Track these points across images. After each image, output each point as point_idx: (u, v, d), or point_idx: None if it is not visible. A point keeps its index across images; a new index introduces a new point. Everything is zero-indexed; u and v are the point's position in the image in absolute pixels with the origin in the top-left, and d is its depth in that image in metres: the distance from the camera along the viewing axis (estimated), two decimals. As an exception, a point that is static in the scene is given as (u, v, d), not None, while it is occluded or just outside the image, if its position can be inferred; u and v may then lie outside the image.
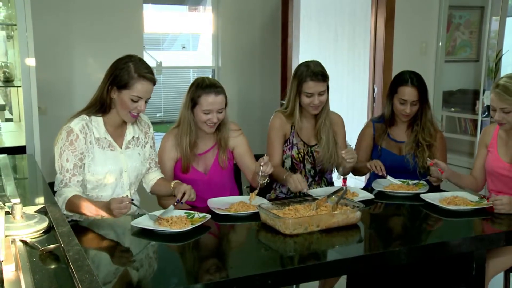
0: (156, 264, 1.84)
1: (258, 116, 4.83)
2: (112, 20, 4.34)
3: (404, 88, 2.81)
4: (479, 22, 5.96)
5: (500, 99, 2.41)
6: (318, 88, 2.70)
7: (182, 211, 2.20)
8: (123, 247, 1.98)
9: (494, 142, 2.60)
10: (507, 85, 2.40)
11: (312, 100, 2.71)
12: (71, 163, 2.24)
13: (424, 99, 2.86)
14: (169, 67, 8.88)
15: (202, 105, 2.50)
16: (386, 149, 2.95)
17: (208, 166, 2.64)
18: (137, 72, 2.24)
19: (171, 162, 2.62)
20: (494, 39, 5.85)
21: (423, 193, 2.53)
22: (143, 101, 2.27)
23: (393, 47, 4.50)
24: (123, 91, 2.25)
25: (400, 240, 2.10)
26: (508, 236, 2.13)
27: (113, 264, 1.80)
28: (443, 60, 4.92)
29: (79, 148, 2.25)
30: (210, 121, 2.51)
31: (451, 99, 6.34)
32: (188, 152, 2.57)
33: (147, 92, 2.27)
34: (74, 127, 2.26)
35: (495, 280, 2.54)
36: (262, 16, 4.89)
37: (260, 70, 4.93)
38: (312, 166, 2.85)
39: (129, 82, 2.23)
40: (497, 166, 2.55)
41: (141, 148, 2.45)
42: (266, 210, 2.10)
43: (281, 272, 1.70)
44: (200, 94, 2.50)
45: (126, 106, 2.26)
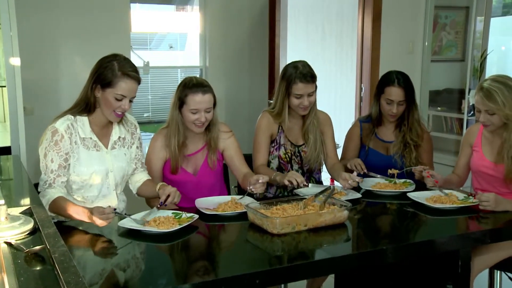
0: (144, 265, 1.83)
1: (246, 116, 4.82)
2: (99, 19, 4.31)
3: (391, 88, 2.83)
4: (464, 22, 6.02)
5: (483, 102, 2.44)
6: (307, 89, 2.70)
7: (170, 211, 2.19)
8: (110, 248, 1.97)
9: (479, 141, 2.63)
10: (490, 89, 2.42)
11: (301, 101, 2.71)
12: (56, 163, 2.22)
13: (411, 99, 2.87)
14: (156, 67, 8.83)
15: (189, 104, 2.48)
16: (373, 149, 2.96)
17: (197, 167, 2.63)
18: (121, 70, 2.22)
19: (160, 162, 2.60)
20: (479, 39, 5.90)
21: (410, 192, 2.54)
22: (127, 100, 2.26)
23: (380, 46, 4.53)
24: (107, 89, 2.23)
25: (387, 238, 2.12)
26: (493, 234, 2.15)
27: (99, 265, 1.79)
28: (430, 59, 4.96)
29: (64, 148, 2.23)
30: (198, 121, 2.49)
31: (438, 99, 6.39)
32: (176, 152, 2.55)
33: (131, 90, 2.26)
34: (59, 127, 2.24)
35: (480, 277, 2.57)
36: (250, 15, 4.89)
37: (247, 70, 4.92)
38: (300, 166, 2.85)
39: (113, 80, 2.22)
40: (482, 165, 2.58)
41: (127, 148, 2.44)
42: (253, 210, 2.10)
43: (269, 271, 1.70)
44: (187, 94, 2.49)
45: (110, 105, 2.25)
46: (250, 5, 4.86)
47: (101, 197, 2.34)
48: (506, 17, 8.85)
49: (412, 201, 2.43)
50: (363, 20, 4.53)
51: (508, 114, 2.41)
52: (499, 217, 2.26)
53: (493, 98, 2.40)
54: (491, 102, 2.41)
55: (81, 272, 1.20)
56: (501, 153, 2.49)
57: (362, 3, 4.51)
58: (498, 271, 2.52)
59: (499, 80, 2.44)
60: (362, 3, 4.51)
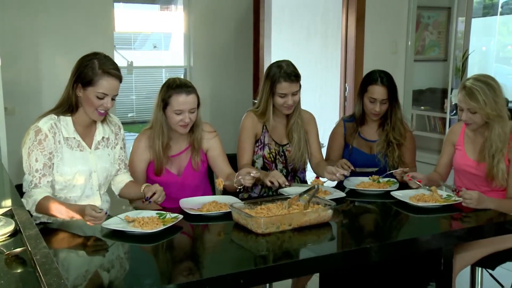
0: (128, 266, 1.82)
1: (230, 116, 4.82)
2: (81, 18, 4.27)
3: (374, 86, 2.85)
4: (447, 23, 6.09)
5: (465, 101, 2.47)
6: (292, 88, 2.71)
7: (154, 212, 2.18)
8: (94, 249, 1.95)
9: (462, 140, 2.66)
10: (473, 88, 2.44)
11: (286, 101, 2.71)
12: (41, 163, 2.20)
13: (393, 98, 2.89)
14: (140, 66, 8.79)
15: (173, 105, 2.47)
16: (357, 148, 2.98)
17: (181, 168, 2.61)
18: (101, 68, 2.21)
19: (144, 163, 2.58)
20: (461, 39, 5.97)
21: (393, 191, 2.56)
22: (109, 98, 2.24)
23: (364, 46, 4.55)
24: (88, 88, 2.22)
25: (372, 237, 2.13)
26: (475, 232, 2.18)
27: (83, 266, 1.77)
28: (413, 59, 4.99)
29: (48, 147, 2.21)
30: (182, 122, 2.48)
31: (421, 98, 6.44)
32: (161, 154, 2.53)
33: (113, 89, 2.24)
34: (43, 126, 2.22)
35: (461, 275, 2.60)
36: (234, 15, 4.88)
37: (232, 70, 4.92)
38: (284, 165, 2.86)
39: (94, 78, 2.20)
40: (465, 164, 2.61)
41: (110, 149, 2.42)
42: (238, 210, 2.09)
43: (254, 271, 1.70)
44: (170, 94, 2.47)
45: (92, 103, 2.23)
46: (235, 4, 4.86)
47: (84, 197, 2.32)
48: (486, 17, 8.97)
49: (395, 200, 2.45)
50: (347, 20, 4.55)
51: (489, 113, 2.44)
52: (480, 215, 2.29)
53: (475, 97, 2.43)
54: (473, 101, 2.44)
55: (64, 274, 1.19)
56: (483, 152, 2.52)
57: (346, 3, 4.53)
58: (479, 268, 2.55)
59: (481, 80, 2.47)
60: (346, 3, 4.53)
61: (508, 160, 2.47)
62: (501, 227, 2.23)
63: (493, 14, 8.91)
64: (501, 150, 2.46)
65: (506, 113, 2.47)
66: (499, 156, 2.46)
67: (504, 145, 2.46)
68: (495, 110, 2.43)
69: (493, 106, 2.43)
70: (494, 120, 2.45)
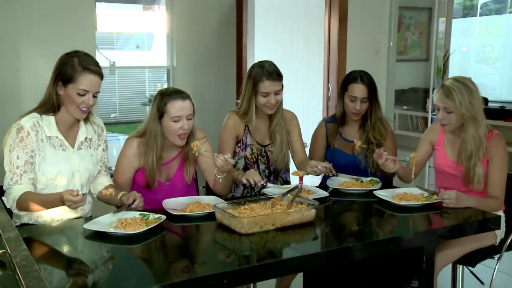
0: (111, 267, 1.80)
1: (213, 116, 4.79)
2: (62, 18, 4.22)
3: (354, 85, 2.87)
4: (428, 23, 6.15)
5: (442, 99, 2.49)
6: (274, 87, 2.71)
7: (137, 213, 2.16)
8: (77, 251, 1.93)
9: (441, 140, 2.68)
10: (450, 87, 2.47)
11: (268, 100, 2.71)
12: (22, 160, 2.17)
13: (373, 97, 2.91)
14: (123, 67, 8.70)
15: (171, 112, 2.40)
16: (339, 149, 2.99)
17: (170, 175, 2.56)
18: (81, 65, 2.20)
19: (132, 171, 2.51)
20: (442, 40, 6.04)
21: (376, 190, 2.58)
22: (90, 95, 2.22)
23: (346, 46, 4.58)
24: (68, 85, 2.20)
25: (355, 236, 2.14)
26: (456, 229, 2.21)
27: (66, 268, 1.75)
28: (395, 59, 5.04)
29: (30, 145, 2.19)
30: (181, 129, 2.41)
31: (403, 98, 6.50)
32: (155, 166, 2.45)
33: (93, 85, 2.22)
34: (25, 124, 2.20)
35: (443, 272, 2.63)
36: (217, 15, 4.87)
37: (215, 70, 4.91)
38: (266, 166, 2.86)
39: (74, 75, 2.19)
40: (445, 164, 2.63)
41: (93, 149, 2.40)
42: (221, 210, 2.09)
43: (237, 271, 1.70)
44: (166, 102, 2.41)
45: (73, 100, 2.21)
46: (217, 4, 4.85)
47: None
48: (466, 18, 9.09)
49: (378, 199, 2.47)
50: (329, 20, 4.57)
51: (464, 114, 2.45)
52: (461, 213, 2.31)
53: (451, 96, 2.46)
54: (449, 100, 2.46)
55: (47, 277, 1.18)
56: (461, 154, 2.54)
57: (328, 4, 4.55)
58: (460, 266, 2.58)
59: (460, 80, 2.50)
60: (329, 3, 4.55)
61: (486, 161, 2.50)
62: (481, 225, 2.26)
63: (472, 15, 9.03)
64: (477, 154, 2.47)
65: (481, 116, 2.49)
66: (475, 160, 2.47)
67: (480, 148, 2.47)
68: (470, 111, 2.45)
69: (468, 107, 2.45)
70: (469, 121, 2.47)
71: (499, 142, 2.51)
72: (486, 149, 2.49)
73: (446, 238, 2.25)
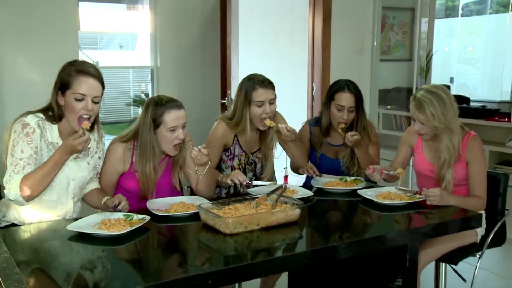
0: (95, 269, 1.79)
1: (198, 116, 4.79)
2: (45, 17, 4.18)
3: (341, 94, 2.84)
4: (411, 23, 6.21)
5: (414, 112, 2.50)
6: (268, 95, 2.68)
7: (121, 213, 2.15)
8: (60, 252, 1.91)
9: (420, 144, 2.69)
10: (422, 100, 2.46)
11: (264, 110, 2.67)
12: (27, 153, 2.11)
13: (360, 107, 2.89)
14: (106, 66, 8.66)
15: (167, 122, 2.36)
16: (323, 153, 3.00)
17: (156, 178, 2.52)
18: (76, 69, 2.17)
19: (116, 175, 2.48)
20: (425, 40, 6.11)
21: (360, 189, 2.59)
22: (89, 100, 2.17)
23: (330, 46, 4.60)
24: (66, 92, 2.17)
25: (339, 235, 2.15)
26: (439, 228, 2.23)
27: (48, 270, 1.73)
28: (379, 59, 5.07)
29: (35, 141, 2.14)
30: (177, 139, 2.38)
31: (387, 97, 6.55)
32: (152, 177, 2.42)
33: (90, 88, 2.17)
34: (30, 121, 2.16)
35: (426, 270, 2.66)
36: (201, 14, 4.86)
37: (199, 69, 4.90)
38: (254, 173, 2.86)
39: (69, 80, 2.16)
40: (424, 168, 2.65)
41: (90, 157, 2.37)
42: (206, 210, 2.09)
43: (222, 271, 1.70)
44: (162, 112, 2.36)
45: (73, 108, 2.16)
46: (201, 4, 4.84)
47: (58, 203, 2.28)
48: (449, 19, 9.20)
49: (362, 198, 2.48)
50: (313, 20, 4.59)
51: (437, 126, 2.46)
52: (444, 212, 2.34)
53: (423, 110, 2.45)
54: (421, 113, 2.46)
55: (28, 279, 1.16)
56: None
57: (312, 3, 4.57)
58: (443, 264, 2.61)
59: (433, 91, 2.48)
60: (313, 3, 4.57)
61: (465, 163, 2.53)
62: (464, 223, 2.29)
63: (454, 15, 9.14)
64: (448, 162, 2.49)
65: (455, 125, 2.48)
66: (445, 168, 2.49)
67: (452, 156, 2.48)
68: (443, 123, 2.45)
69: (441, 119, 2.45)
70: (443, 132, 2.48)
71: (476, 143, 2.53)
72: (464, 152, 2.51)
73: (429, 236, 2.27)
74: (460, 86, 8.70)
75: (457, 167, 2.52)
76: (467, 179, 2.54)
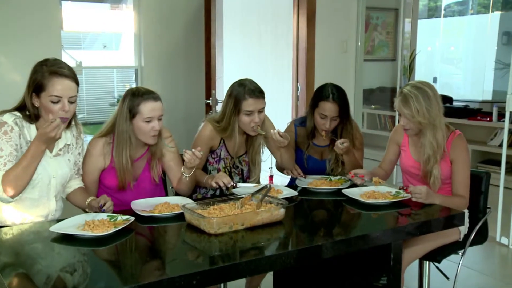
0: (79, 270, 1.77)
1: (182, 116, 4.78)
2: (26, 17, 4.12)
3: (325, 103, 2.83)
4: (394, 23, 6.25)
5: (400, 107, 2.52)
6: (258, 105, 2.67)
7: (105, 214, 2.13)
8: (43, 254, 1.89)
9: (406, 141, 2.72)
10: (407, 95, 2.49)
11: (252, 119, 2.66)
12: (7, 151, 2.11)
13: (344, 115, 2.88)
14: (90, 67, 8.58)
15: (143, 113, 2.38)
16: (309, 155, 3.00)
17: (137, 174, 2.53)
18: (48, 71, 2.14)
19: (98, 172, 2.48)
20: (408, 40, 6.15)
21: (345, 189, 2.60)
22: (65, 101, 2.15)
23: (315, 46, 4.61)
24: (41, 94, 2.14)
25: (324, 234, 2.16)
26: (423, 226, 2.24)
27: (31, 272, 1.71)
28: (363, 59, 5.10)
29: (14, 139, 2.13)
30: (153, 130, 2.40)
31: (371, 97, 6.59)
32: (129, 166, 2.43)
33: (65, 89, 2.15)
34: (8, 120, 2.14)
35: (410, 268, 2.68)
36: (185, 14, 4.84)
37: (184, 69, 4.88)
38: (241, 177, 2.86)
39: (43, 82, 2.13)
40: (410, 165, 2.67)
41: (70, 154, 2.35)
42: (190, 210, 2.08)
43: (206, 271, 1.69)
44: (139, 103, 2.39)
45: (50, 110, 2.14)
46: (185, 4, 4.82)
47: (40, 201, 2.26)
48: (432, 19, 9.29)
49: (347, 197, 2.49)
50: (298, 20, 4.60)
51: (422, 122, 2.49)
52: (427, 210, 2.36)
53: (408, 105, 2.48)
54: (406, 108, 2.49)
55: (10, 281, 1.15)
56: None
57: (296, 4, 4.58)
58: (426, 262, 2.63)
59: (419, 87, 2.51)
60: (297, 3, 4.58)
61: (449, 161, 2.56)
62: (447, 221, 2.31)
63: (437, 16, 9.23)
64: (434, 157, 2.51)
65: (439, 122, 2.51)
66: (432, 163, 2.52)
67: (437, 151, 2.51)
68: (427, 119, 2.48)
69: (426, 115, 2.47)
70: (426, 128, 2.51)
71: (461, 143, 2.56)
72: (449, 150, 2.54)
73: (413, 235, 2.29)
74: (443, 85, 8.80)
75: (442, 165, 2.54)
76: (450, 178, 2.57)
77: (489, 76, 8.20)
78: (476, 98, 7.86)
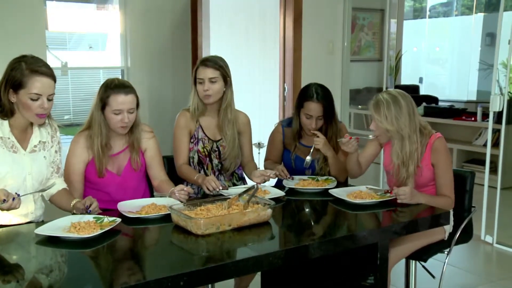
0: (66, 273, 1.76)
1: (169, 116, 4.75)
2: (10, 16, 4.08)
3: (310, 103, 2.85)
4: (380, 24, 6.29)
5: (371, 111, 2.56)
6: (206, 73, 2.74)
7: (91, 216, 2.12)
8: (28, 257, 1.88)
9: (388, 142, 2.73)
10: (380, 100, 2.52)
11: (203, 87, 2.75)
12: None
13: (329, 114, 2.90)
14: (76, 67, 8.51)
15: (112, 105, 2.45)
16: (296, 154, 3.01)
17: (121, 167, 2.58)
18: (28, 69, 2.14)
19: (82, 165, 2.53)
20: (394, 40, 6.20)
21: (331, 189, 2.61)
22: (44, 98, 2.16)
23: (301, 46, 4.62)
24: (19, 91, 2.14)
25: (311, 234, 2.16)
26: (409, 226, 2.26)
27: (16, 276, 1.70)
28: (349, 59, 5.12)
29: None
30: (122, 122, 2.46)
31: (358, 97, 6.63)
32: (100, 154, 2.50)
33: (45, 87, 2.16)
34: None
35: (397, 268, 2.69)
36: (172, 14, 4.83)
37: (170, 70, 4.86)
38: (219, 161, 2.87)
39: (23, 80, 2.13)
40: (389, 166, 2.68)
41: (46, 151, 2.34)
42: (177, 211, 2.08)
43: (193, 272, 1.69)
44: (109, 95, 2.45)
45: (28, 107, 2.15)
46: (172, 4, 4.80)
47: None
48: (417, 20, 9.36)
49: (333, 197, 2.50)
50: (284, 20, 4.61)
51: (388, 129, 2.52)
52: (413, 210, 2.37)
53: (378, 109, 2.52)
54: (376, 113, 2.53)
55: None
56: None
57: (283, 4, 4.59)
58: (413, 261, 2.65)
59: (393, 95, 2.54)
60: (283, 4, 4.58)
61: (432, 165, 2.58)
62: (433, 220, 2.33)
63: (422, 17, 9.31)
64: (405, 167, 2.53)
65: (407, 134, 2.52)
66: (402, 173, 2.55)
67: (407, 163, 2.53)
68: (394, 127, 2.50)
69: (394, 123, 2.50)
70: (394, 137, 2.55)
71: (441, 145, 2.57)
72: (430, 154, 2.56)
73: (400, 234, 2.31)
74: (429, 86, 8.88)
75: (424, 169, 2.56)
76: (434, 180, 2.59)
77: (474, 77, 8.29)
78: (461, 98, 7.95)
